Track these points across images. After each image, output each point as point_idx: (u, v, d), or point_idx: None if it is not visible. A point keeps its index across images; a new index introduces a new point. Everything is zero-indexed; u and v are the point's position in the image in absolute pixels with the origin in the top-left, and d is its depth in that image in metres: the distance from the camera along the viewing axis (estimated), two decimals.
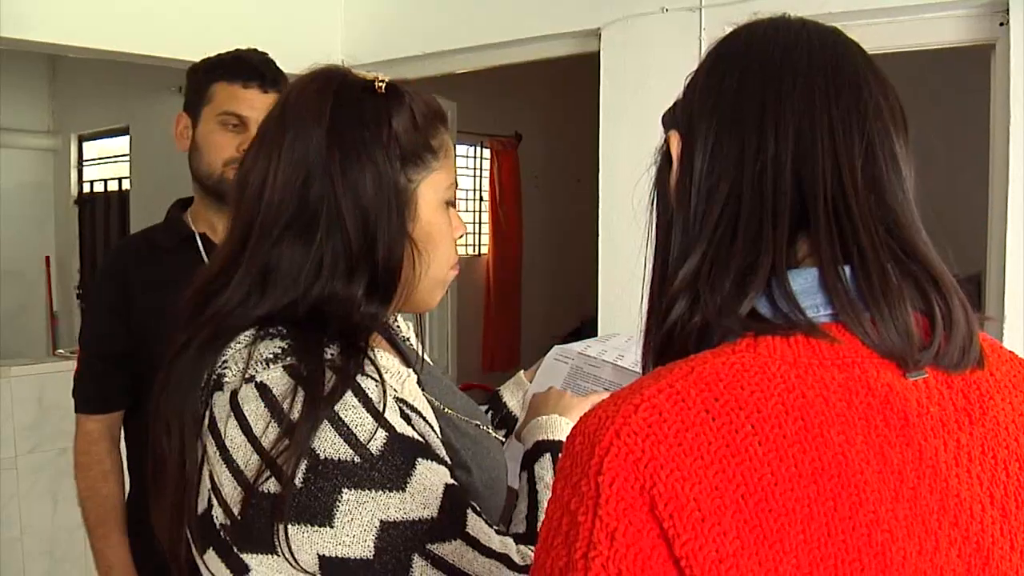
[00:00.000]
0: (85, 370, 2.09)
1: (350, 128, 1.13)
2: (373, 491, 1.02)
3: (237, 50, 2.10)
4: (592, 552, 0.66)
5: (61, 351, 4.17)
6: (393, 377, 1.13)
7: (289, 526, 1.01)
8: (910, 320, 0.77)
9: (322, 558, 1.03)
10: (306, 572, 1.04)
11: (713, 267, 0.80)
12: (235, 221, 1.17)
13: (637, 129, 3.37)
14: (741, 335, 0.77)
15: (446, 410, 1.28)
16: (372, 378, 1.07)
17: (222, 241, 1.21)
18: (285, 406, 1.03)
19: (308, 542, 1.02)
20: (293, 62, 2.20)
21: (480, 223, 7.85)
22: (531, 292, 7.70)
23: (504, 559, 1.10)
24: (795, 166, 0.80)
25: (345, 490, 1.01)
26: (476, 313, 7.36)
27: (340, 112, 1.14)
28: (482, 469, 1.25)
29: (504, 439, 1.53)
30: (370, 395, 1.06)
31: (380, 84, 1.18)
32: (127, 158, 6.63)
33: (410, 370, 1.18)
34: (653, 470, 0.66)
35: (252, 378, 1.06)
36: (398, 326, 1.45)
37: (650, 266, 0.92)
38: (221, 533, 1.06)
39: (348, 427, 1.03)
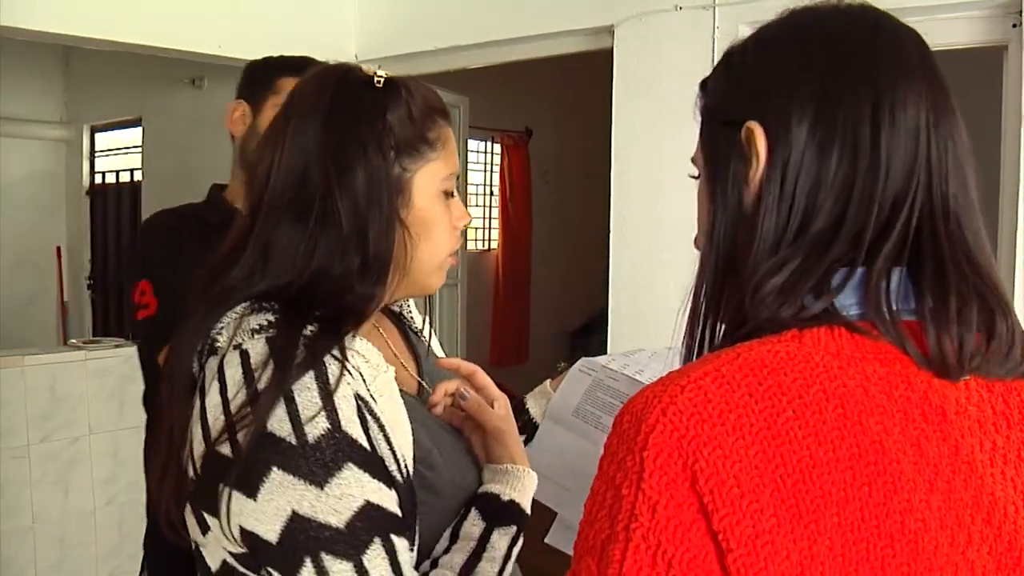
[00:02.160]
0: (158, 320, 1.93)
1: (346, 120, 1.20)
2: (295, 477, 1.03)
3: (301, 55, 2.15)
4: (633, 524, 0.69)
5: (73, 341, 4.18)
6: (368, 367, 1.15)
7: (231, 491, 1.04)
8: (971, 338, 0.79)
9: (242, 530, 1.05)
10: (235, 541, 1.06)
11: (806, 268, 0.80)
12: (248, 203, 1.24)
13: (650, 126, 3.38)
14: (786, 327, 0.79)
15: (417, 401, 1.30)
16: (338, 361, 1.10)
17: (236, 222, 1.26)
18: (256, 375, 1.07)
19: (236, 510, 1.05)
20: (308, 56, 2.23)
21: (490, 218, 7.85)
22: (540, 287, 7.70)
23: None
24: (899, 178, 0.80)
25: (274, 468, 1.03)
26: (485, 308, 7.36)
27: (338, 104, 1.20)
28: (455, 469, 1.26)
29: (523, 442, 1.56)
30: (329, 380, 1.08)
31: (379, 79, 1.23)
32: (139, 149, 6.65)
33: (390, 366, 1.18)
34: (696, 447, 0.69)
35: (239, 345, 1.11)
36: (412, 317, 1.48)
37: (701, 255, 0.91)
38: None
39: (297, 406, 1.05)
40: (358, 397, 1.10)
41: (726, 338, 0.85)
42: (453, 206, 1.29)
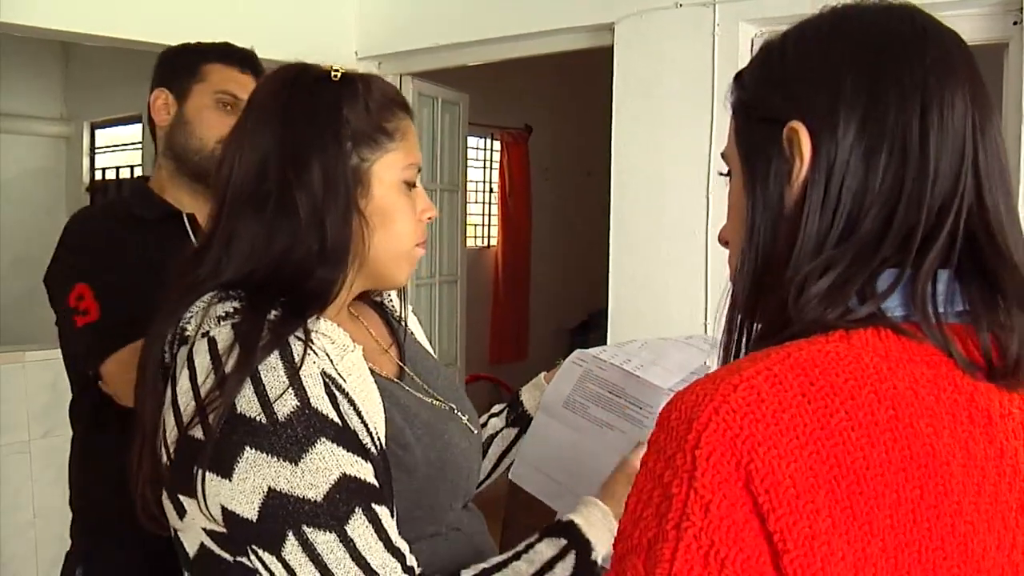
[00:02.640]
0: (100, 326, 1.81)
1: (302, 114, 1.24)
2: (269, 455, 1.07)
3: (228, 43, 2.10)
4: (685, 523, 0.68)
5: None
6: (334, 347, 1.20)
7: (206, 473, 1.09)
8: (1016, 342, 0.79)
9: (223, 509, 1.09)
10: (216, 521, 1.11)
11: (853, 271, 0.79)
12: (213, 201, 1.29)
13: (650, 123, 3.38)
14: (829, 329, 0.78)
15: (403, 389, 1.34)
16: (302, 341, 1.14)
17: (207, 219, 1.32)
18: (224, 359, 1.12)
19: (213, 491, 1.09)
20: (307, 54, 2.22)
21: (490, 215, 7.85)
22: (540, 284, 7.71)
23: None
24: (947, 181, 0.80)
25: (247, 448, 1.08)
26: (484, 305, 7.36)
27: (295, 101, 1.26)
28: (429, 449, 1.28)
29: (516, 435, 1.64)
30: (295, 359, 1.12)
31: (335, 73, 1.29)
32: (139, 146, 6.65)
33: (357, 345, 1.23)
34: (751, 446, 0.69)
35: (206, 333, 1.15)
36: (393, 306, 1.52)
37: (736, 255, 0.89)
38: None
39: (264, 386, 1.09)
40: (324, 375, 1.14)
41: (763, 339, 0.83)
42: (417, 197, 1.33)
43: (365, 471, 1.12)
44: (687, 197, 3.27)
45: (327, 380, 1.14)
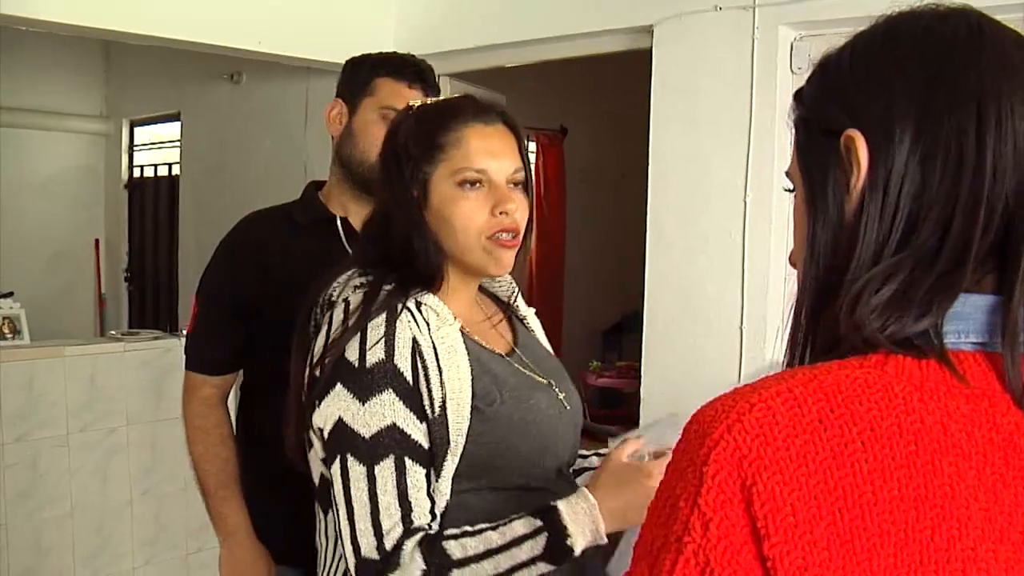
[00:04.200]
0: (203, 327, 2.13)
1: (386, 146, 1.58)
2: (348, 392, 1.39)
3: (399, 53, 2.21)
4: (686, 537, 0.68)
5: (112, 333, 4.23)
6: (436, 319, 1.45)
7: (314, 400, 1.43)
8: None
9: (318, 429, 1.44)
10: (320, 436, 1.45)
11: (913, 280, 0.77)
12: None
13: (688, 127, 3.37)
14: (875, 350, 0.76)
15: (501, 359, 1.56)
16: (408, 310, 1.42)
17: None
18: (351, 315, 1.44)
19: (313, 415, 1.43)
20: (346, 53, 2.23)
21: None
22: (574, 285, 7.69)
23: (374, 521, 1.37)
24: (1008, 196, 0.76)
25: (338, 383, 1.40)
26: None
27: (388, 135, 1.60)
28: (513, 408, 1.48)
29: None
30: (395, 322, 1.41)
31: (412, 105, 1.59)
32: (177, 144, 6.71)
33: (457, 320, 1.48)
34: (756, 469, 0.68)
35: (345, 298, 1.48)
36: (517, 306, 1.78)
37: (798, 268, 0.88)
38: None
39: (366, 338, 1.40)
40: (414, 340, 1.41)
41: (821, 355, 0.81)
42: (483, 194, 1.50)
43: (414, 429, 1.39)
44: (724, 200, 3.26)
45: (416, 344, 1.40)
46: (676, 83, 3.38)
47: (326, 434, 1.40)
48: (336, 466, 1.39)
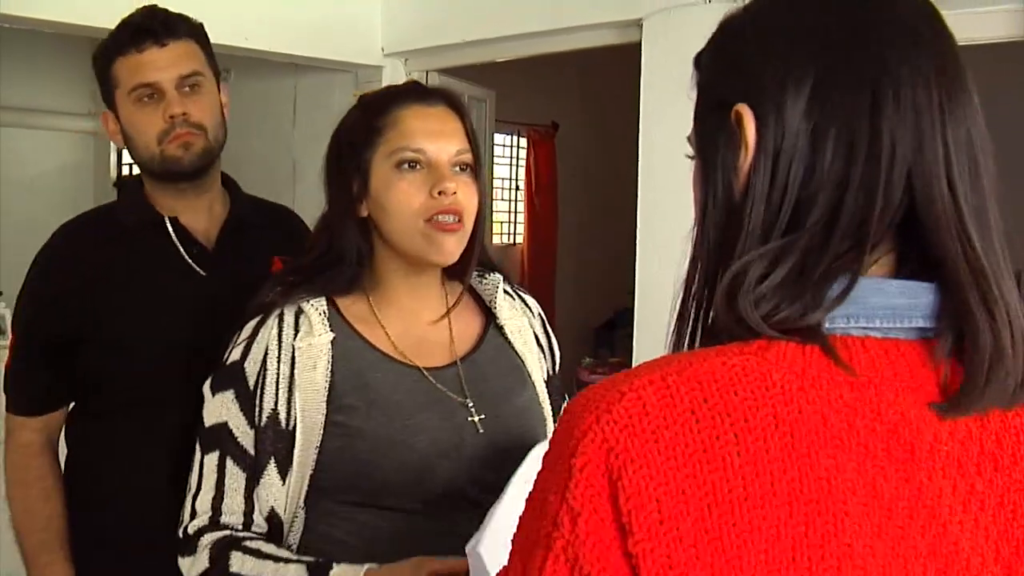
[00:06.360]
0: (21, 363, 1.84)
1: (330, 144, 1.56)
2: (210, 380, 1.48)
3: (124, 19, 1.89)
4: (555, 532, 0.66)
5: None
6: (305, 327, 1.44)
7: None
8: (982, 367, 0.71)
9: None
10: None
11: (803, 268, 0.72)
12: None
13: (678, 121, 3.33)
14: (758, 336, 0.71)
15: (390, 370, 1.47)
16: (280, 317, 1.45)
17: None
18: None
19: None
20: (334, 51, 2.21)
21: (516, 212, 7.84)
22: (566, 282, 7.68)
23: (192, 503, 1.44)
24: (910, 178, 0.72)
25: (215, 371, 1.48)
26: None
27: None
28: (380, 426, 1.41)
29: None
30: (262, 327, 1.45)
31: (356, 95, 1.57)
32: None
33: (326, 333, 1.44)
34: (623, 461, 0.65)
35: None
36: (498, 310, 1.61)
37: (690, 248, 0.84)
38: None
39: (239, 335, 1.48)
40: (267, 348, 1.43)
41: (713, 336, 0.77)
42: (421, 176, 1.44)
43: (243, 433, 1.43)
44: None
45: (268, 352, 1.43)
46: (666, 77, 3.36)
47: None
48: (196, 451, 1.48)
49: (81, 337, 1.76)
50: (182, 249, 1.79)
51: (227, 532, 1.41)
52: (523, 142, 7.65)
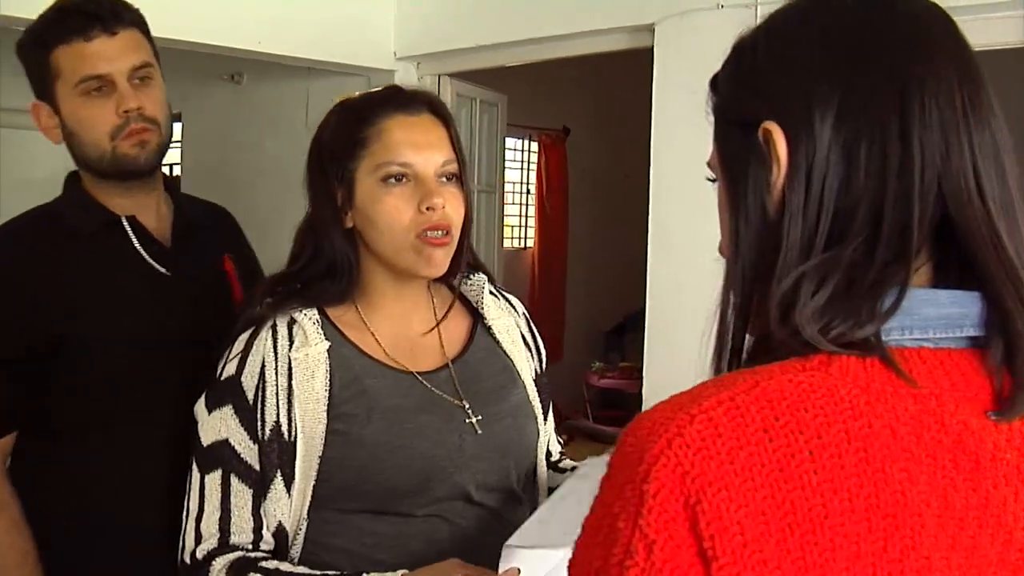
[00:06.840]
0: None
1: (312, 150, 1.51)
2: (204, 398, 1.43)
3: (57, 2, 1.70)
4: (628, 561, 0.64)
5: None
6: (300, 337, 1.42)
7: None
8: None
9: None
10: None
11: (850, 283, 0.72)
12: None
13: (690, 126, 3.33)
14: (816, 351, 0.71)
15: (395, 375, 1.47)
16: (273, 329, 1.42)
17: None
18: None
19: None
20: (347, 55, 2.21)
21: (527, 216, 7.84)
22: (576, 286, 7.68)
23: (196, 526, 1.39)
24: (941, 184, 0.72)
25: (206, 389, 1.44)
26: None
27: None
28: (381, 432, 1.40)
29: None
30: (256, 339, 1.42)
31: (336, 100, 1.50)
32: (178, 144, 6.68)
33: (323, 343, 1.42)
34: (700, 486, 0.64)
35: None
36: (487, 314, 1.61)
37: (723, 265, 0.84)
38: None
39: (231, 349, 1.44)
40: (264, 360, 1.40)
41: (755, 357, 0.77)
42: (409, 189, 1.42)
43: (245, 448, 1.39)
44: None
45: (265, 364, 1.40)
46: (678, 82, 3.36)
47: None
48: (193, 470, 1.43)
49: (43, 351, 1.60)
50: (142, 249, 1.68)
51: (240, 553, 1.37)
52: (534, 146, 7.65)
